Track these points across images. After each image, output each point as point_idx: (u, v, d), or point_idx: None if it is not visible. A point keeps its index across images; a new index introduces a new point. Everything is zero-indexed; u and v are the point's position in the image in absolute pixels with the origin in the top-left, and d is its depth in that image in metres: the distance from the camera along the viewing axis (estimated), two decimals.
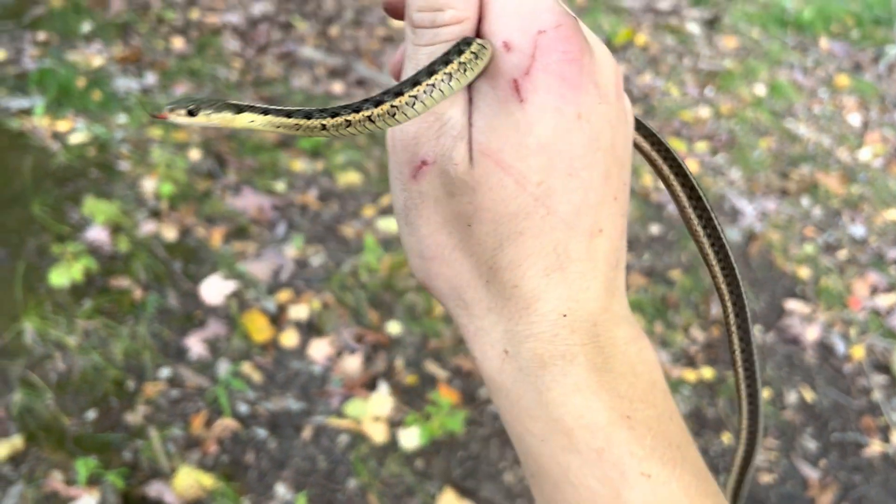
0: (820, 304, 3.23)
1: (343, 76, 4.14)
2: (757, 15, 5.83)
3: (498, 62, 0.45)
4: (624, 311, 0.50)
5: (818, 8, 6.07)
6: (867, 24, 6.00)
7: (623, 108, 0.50)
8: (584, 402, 0.46)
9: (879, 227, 3.77)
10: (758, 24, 5.71)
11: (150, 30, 4.15)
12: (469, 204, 0.46)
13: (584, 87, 0.45)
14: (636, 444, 0.45)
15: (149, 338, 2.53)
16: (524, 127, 0.45)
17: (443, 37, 0.46)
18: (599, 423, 0.46)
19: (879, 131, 4.60)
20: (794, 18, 5.89)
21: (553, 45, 0.45)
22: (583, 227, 0.47)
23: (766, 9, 5.99)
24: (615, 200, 0.48)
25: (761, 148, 4.20)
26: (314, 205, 3.21)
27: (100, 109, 3.44)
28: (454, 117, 0.47)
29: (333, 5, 4.80)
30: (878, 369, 3.00)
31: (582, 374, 0.46)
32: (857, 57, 5.54)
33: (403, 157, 0.49)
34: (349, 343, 2.64)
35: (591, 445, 0.46)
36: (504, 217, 0.46)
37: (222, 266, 2.81)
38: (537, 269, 0.47)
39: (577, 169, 0.46)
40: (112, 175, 3.10)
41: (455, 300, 0.49)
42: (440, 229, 0.48)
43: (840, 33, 5.87)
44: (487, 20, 0.46)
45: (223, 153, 3.34)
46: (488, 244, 0.47)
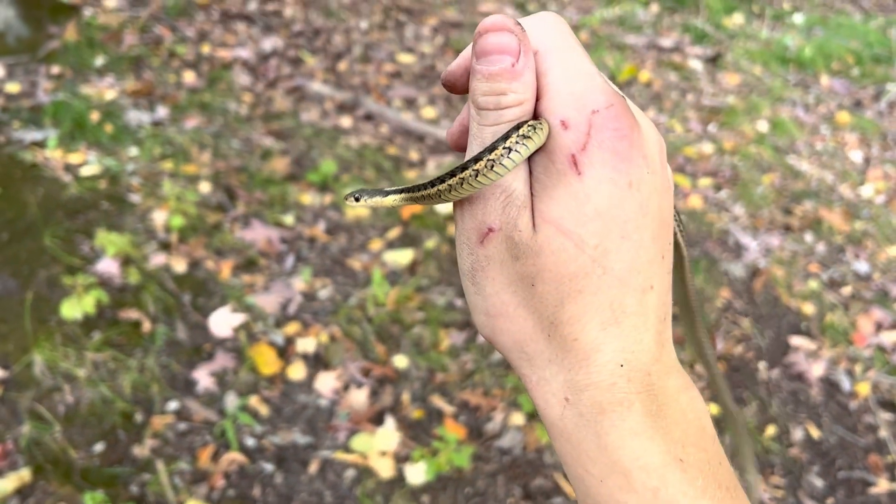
0: (825, 340, 3.24)
1: (351, 111, 4.20)
2: (758, 52, 5.91)
3: (556, 139, 0.51)
4: (673, 361, 0.55)
5: (819, 46, 6.15)
6: (867, 62, 6.08)
7: (667, 177, 0.55)
8: (641, 445, 0.50)
9: (883, 263, 3.79)
10: (759, 61, 5.79)
11: (161, 64, 4.22)
12: (532, 266, 0.51)
13: (634, 160, 0.51)
14: (688, 485, 0.49)
15: (157, 370, 2.54)
16: (582, 196, 0.50)
17: (506, 118, 0.51)
18: (654, 465, 0.50)
19: (881, 168, 4.64)
20: (795, 56, 5.97)
21: (606, 123, 0.50)
22: (636, 285, 0.51)
23: (767, 46, 6.07)
24: (662, 259, 0.53)
25: (764, 184, 4.24)
26: (322, 238, 3.24)
27: (112, 142, 3.49)
28: (518, 189, 0.52)
29: (342, 41, 4.87)
30: (884, 406, 3.00)
31: (638, 419, 0.50)
32: (857, 94, 5.61)
33: (471, 225, 0.54)
34: (356, 377, 2.65)
35: (646, 485, 0.49)
36: (565, 277, 0.50)
37: (231, 298, 2.83)
38: (595, 324, 0.51)
39: (629, 232, 0.51)
40: (123, 207, 3.13)
41: (518, 353, 0.53)
42: (505, 289, 0.53)
43: (841, 71, 5.95)
44: (544, 100, 0.51)
45: (233, 186, 3.38)
46: (550, 301, 0.51)
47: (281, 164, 3.59)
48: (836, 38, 6.40)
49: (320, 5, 5.27)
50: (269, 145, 3.73)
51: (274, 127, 3.89)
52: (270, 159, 3.62)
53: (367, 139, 3.96)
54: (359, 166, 3.72)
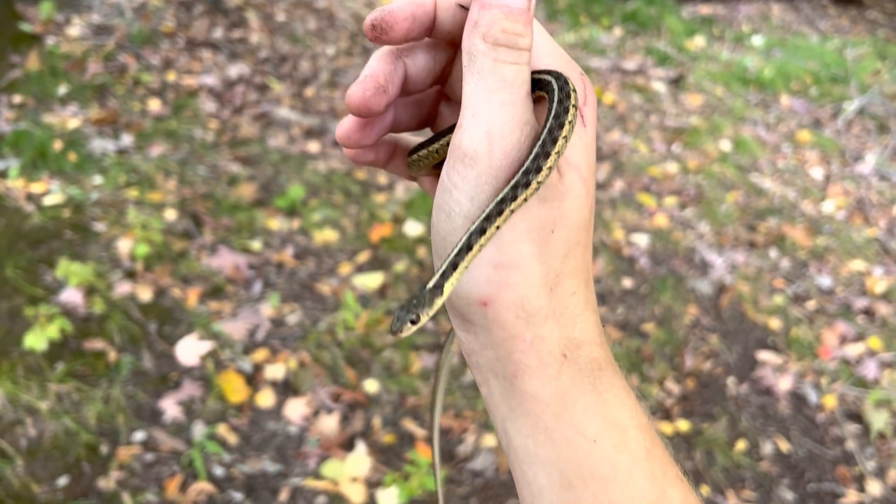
0: (791, 354, 3.28)
1: (319, 136, 4.20)
2: (719, 74, 6.04)
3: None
4: None
5: (778, 66, 6.30)
6: (825, 82, 6.23)
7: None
8: (635, 405, 0.51)
9: (845, 277, 3.86)
10: (721, 82, 5.91)
11: (126, 92, 4.20)
12: (557, 210, 0.51)
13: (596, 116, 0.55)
14: (673, 448, 0.50)
15: (123, 400, 2.50)
16: (590, 147, 0.53)
17: (524, 59, 0.50)
18: (647, 425, 0.50)
19: (841, 184, 4.75)
20: (755, 77, 6.11)
21: (588, 84, 0.54)
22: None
23: (728, 68, 6.21)
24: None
25: (728, 202, 4.31)
26: (290, 263, 3.23)
27: (75, 171, 3.45)
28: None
29: (309, 67, 4.89)
30: (850, 418, 3.04)
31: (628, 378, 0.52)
32: (816, 113, 5.74)
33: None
34: (326, 402, 2.63)
35: (641, 444, 0.49)
36: (578, 225, 0.52)
37: (198, 326, 2.80)
38: (585, 280, 0.53)
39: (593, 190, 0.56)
40: (87, 236, 3.09)
41: (517, 311, 0.51)
42: (524, 237, 0.51)
43: (799, 91, 6.09)
44: (537, 56, 0.53)
45: (199, 213, 3.36)
46: (560, 252, 0.52)
47: (248, 190, 3.57)
48: (794, 59, 6.57)
49: (286, 32, 5.28)
50: (235, 171, 3.72)
51: (240, 153, 3.88)
52: (237, 185, 3.60)
53: (335, 164, 3.96)
54: (327, 191, 3.72)
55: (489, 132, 0.49)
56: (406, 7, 0.52)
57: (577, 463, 0.49)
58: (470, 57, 0.50)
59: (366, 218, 3.57)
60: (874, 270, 3.94)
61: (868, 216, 4.43)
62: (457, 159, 0.50)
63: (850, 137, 5.46)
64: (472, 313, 0.52)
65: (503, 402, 0.52)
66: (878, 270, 3.95)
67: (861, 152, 5.20)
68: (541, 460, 0.50)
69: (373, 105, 0.54)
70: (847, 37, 7.66)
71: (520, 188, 0.49)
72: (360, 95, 0.53)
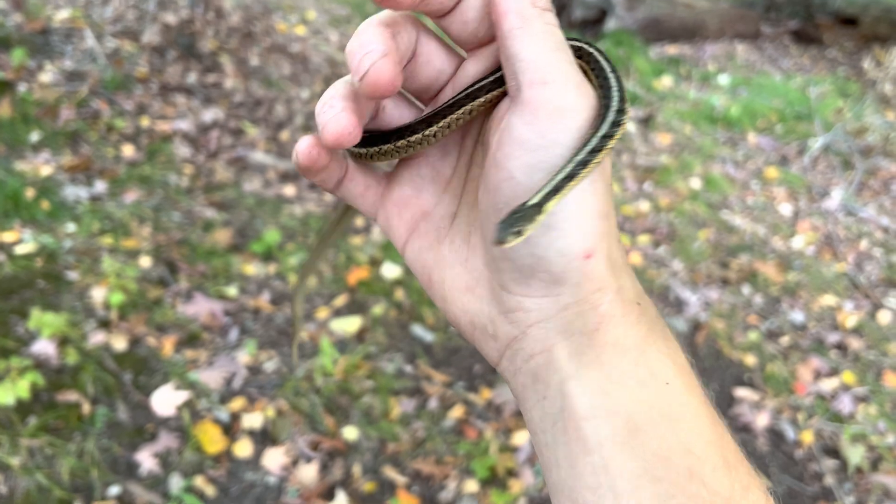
0: (768, 390, 3.31)
1: (295, 180, 4.21)
2: (688, 112, 6.17)
3: None
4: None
5: (744, 105, 6.46)
6: (790, 120, 6.40)
7: None
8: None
9: (817, 312, 3.92)
10: (689, 121, 6.04)
11: (99, 138, 4.18)
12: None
13: None
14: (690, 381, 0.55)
15: (97, 454, 2.44)
16: None
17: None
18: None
19: (809, 220, 4.85)
20: (722, 115, 6.25)
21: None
22: None
23: (696, 106, 6.35)
24: None
25: (701, 239, 4.37)
26: (267, 308, 3.21)
27: (48, 219, 3.42)
28: None
29: (284, 111, 4.92)
30: (827, 454, 3.07)
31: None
32: (783, 150, 5.88)
33: None
34: (305, 451, 2.60)
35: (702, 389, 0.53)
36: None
37: (174, 375, 2.76)
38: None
39: None
40: (60, 285, 3.05)
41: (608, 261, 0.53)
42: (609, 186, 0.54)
43: (766, 128, 6.24)
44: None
45: (174, 259, 3.33)
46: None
47: (223, 236, 3.56)
48: (759, 98, 6.74)
49: (261, 76, 5.32)
50: (210, 217, 3.70)
51: (216, 198, 3.87)
52: (213, 231, 3.59)
53: (312, 207, 3.96)
54: (303, 234, 3.71)
55: (578, 86, 0.50)
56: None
57: (649, 405, 0.49)
58: (523, 18, 0.49)
59: (343, 261, 3.57)
60: (845, 305, 4.01)
61: (837, 251, 4.52)
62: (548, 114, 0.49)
63: (817, 174, 5.59)
64: (572, 270, 0.51)
65: (570, 362, 0.51)
66: (848, 305, 4.02)
67: (827, 188, 5.32)
68: (607, 411, 0.49)
69: (398, 83, 0.50)
70: (809, 75, 7.88)
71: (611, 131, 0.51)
72: (392, 71, 0.49)
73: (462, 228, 0.59)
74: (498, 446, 2.74)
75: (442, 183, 0.61)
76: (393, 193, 0.62)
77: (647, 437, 0.47)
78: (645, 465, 0.46)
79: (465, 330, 0.58)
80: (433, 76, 0.57)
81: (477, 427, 2.82)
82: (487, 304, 0.55)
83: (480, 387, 3.02)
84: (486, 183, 0.53)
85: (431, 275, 0.59)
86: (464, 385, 3.02)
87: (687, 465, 0.46)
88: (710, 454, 0.48)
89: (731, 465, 0.48)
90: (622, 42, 7.21)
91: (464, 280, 0.57)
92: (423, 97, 0.60)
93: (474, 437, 2.77)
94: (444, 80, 0.57)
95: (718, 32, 8.81)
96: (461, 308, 0.57)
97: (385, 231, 0.63)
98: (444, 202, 0.61)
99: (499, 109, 0.54)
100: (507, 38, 0.49)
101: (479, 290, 0.56)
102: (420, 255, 0.60)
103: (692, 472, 0.46)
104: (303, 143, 0.56)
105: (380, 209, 0.63)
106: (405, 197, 0.61)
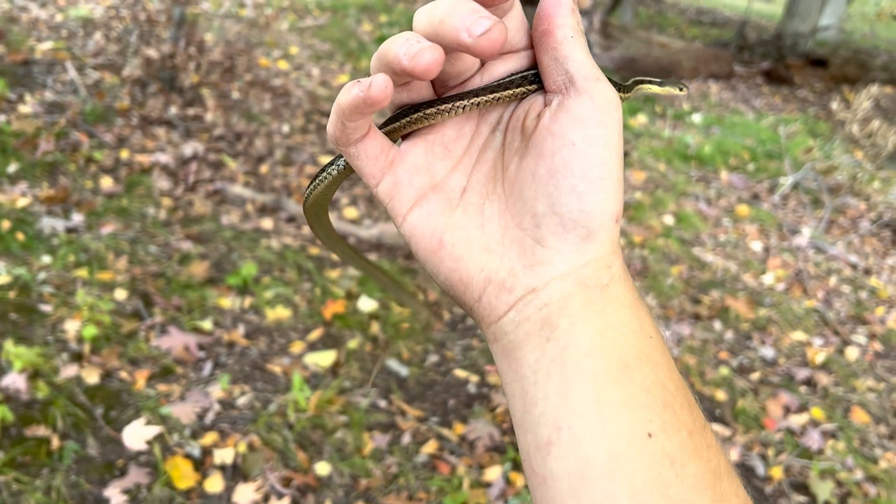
0: (738, 426, 3.35)
1: (273, 213, 4.24)
2: (662, 150, 6.29)
3: None
4: None
5: (717, 143, 6.59)
6: (761, 158, 6.53)
7: None
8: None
9: (787, 348, 3.98)
10: (663, 158, 6.15)
11: (78, 169, 4.19)
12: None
13: None
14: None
15: (65, 490, 2.42)
16: None
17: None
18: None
19: (780, 257, 4.94)
20: (695, 153, 6.38)
21: None
22: None
23: (669, 144, 6.47)
24: None
25: (673, 275, 4.44)
26: (241, 342, 3.21)
27: (23, 251, 3.41)
28: None
29: (264, 144, 4.96)
30: (797, 489, 3.10)
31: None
32: (754, 188, 6.00)
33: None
34: (276, 487, 2.59)
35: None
36: None
37: (145, 410, 2.75)
38: None
39: None
40: (33, 318, 3.04)
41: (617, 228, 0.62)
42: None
43: (738, 166, 6.37)
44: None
45: (150, 292, 3.33)
46: None
47: (200, 269, 3.57)
48: (732, 136, 6.88)
49: (242, 110, 5.36)
50: (187, 249, 3.71)
51: (193, 231, 3.88)
52: (189, 264, 3.60)
53: (289, 240, 3.99)
54: (280, 268, 3.73)
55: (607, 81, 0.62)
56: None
57: (638, 349, 0.57)
58: (575, 31, 0.61)
59: (319, 294, 3.59)
60: (814, 341, 4.08)
61: (806, 288, 4.61)
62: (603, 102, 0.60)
63: (787, 211, 5.70)
64: (604, 228, 0.60)
65: (581, 309, 0.58)
66: (817, 341, 4.09)
67: (797, 226, 5.43)
68: (606, 350, 0.56)
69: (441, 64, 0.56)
70: (780, 114, 8.06)
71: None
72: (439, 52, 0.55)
73: (474, 200, 0.65)
74: (470, 482, 2.74)
75: (452, 161, 0.67)
76: (406, 160, 0.66)
77: (634, 373, 0.55)
78: (631, 393, 0.54)
79: (475, 285, 0.63)
80: (467, 67, 0.64)
81: (450, 462, 2.83)
82: (510, 259, 0.62)
83: (454, 422, 3.03)
84: (538, 151, 0.61)
85: (444, 237, 0.64)
86: (437, 420, 3.03)
87: (663, 398, 0.55)
88: (679, 394, 0.57)
89: (693, 407, 0.57)
90: None
91: (481, 241, 0.63)
92: (448, 84, 0.66)
93: (447, 473, 2.78)
94: (470, 74, 0.65)
95: (693, 72, 9.02)
96: (478, 264, 0.63)
97: (388, 196, 0.66)
98: (454, 177, 0.66)
99: (532, 100, 0.63)
100: (561, 43, 0.60)
101: (498, 249, 0.62)
102: (430, 219, 0.64)
103: (666, 403, 0.55)
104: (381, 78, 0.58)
105: (387, 174, 0.66)
106: (418, 165, 0.66)
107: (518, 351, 0.60)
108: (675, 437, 0.53)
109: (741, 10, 18.72)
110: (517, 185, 0.63)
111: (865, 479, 3.16)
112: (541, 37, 0.61)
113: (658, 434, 0.53)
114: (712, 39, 12.76)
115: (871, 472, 3.19)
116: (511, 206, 0.63)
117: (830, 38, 13.29)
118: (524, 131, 0.63)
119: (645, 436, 0.52)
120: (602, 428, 0.53)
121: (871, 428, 3.50)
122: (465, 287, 0.63)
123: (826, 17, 12.23)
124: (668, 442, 0.53)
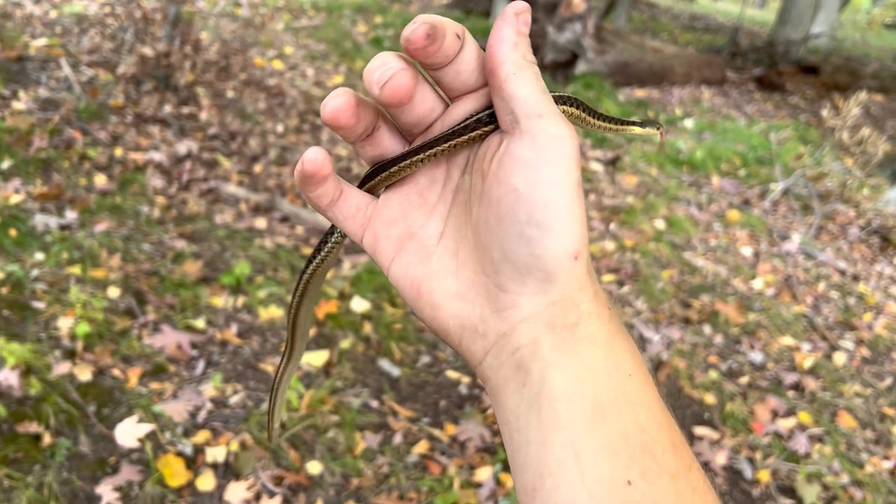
0: (726, 430, 3.38)
1: (267, 212, 4.25)
2: (654, 155, 6.33)
3: None
4: None
5: (708, 149, 6.64)
6: (752, 164, 6.58)
7: None
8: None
9: (776, 353, 4.02)
10: (655, 163, 6.19)
11: (71, 167, 4.19)
12: None
13: None
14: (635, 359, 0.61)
15: (57, 487, 2.43)
16: None
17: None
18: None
19: (770, 262, 4.98)
20: (687, 158, 6.42)
21: None
22: None
23: (661, 149, 6.51)
24: None
25: (664, 279, 4.47)
26: (234, 341, 3.22)
27: (16, 247, 3.41)
28: None
29: (258, 144, 4.96)
30: (783, 493, 3.14)
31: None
32: (745, 193, 6.05)
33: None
34: (268, 486, 2.60)
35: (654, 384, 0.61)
36: None
37: (138, 407, 2.76)
38: None
39: None
40: (26, 315, 3.04)
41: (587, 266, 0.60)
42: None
43: (729, 172, 6.42)
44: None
45: (143, 290, 3.34)
46: None
47: (193, 267, 3.58)
48: (723, 142, 6.93)
49: (236, 109, 5.37)
50: (181, 248, 3.72)
51: (187, 230, 3.89)
52: (182, 262, 3.60)
53: (282, 240, 4.00)
54: (273, 267, 3.74)
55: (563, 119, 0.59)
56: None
57: (615, 391, 0.56)
58: (518, 66, 0.58)
59: None
60: (802, 346, 4.12)
61: (796, 293, 4.65)
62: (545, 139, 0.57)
63: (777, 217, 5.75)
64: (563, 269, 0.58)
65: (552, 352, 0.57)
66: (805, 346, 4.13)
67: (787, 231, 5.47)
68: (580, 395, 0.55)
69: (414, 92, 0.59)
70: (772, 121, 8.12)
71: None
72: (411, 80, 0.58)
73: (449, 246, 0.65)
74: (461, 482, 2.76)
75: (428, 208, 0.67)
76: (382, 214, 0.67)
77: (611, 417, 0.54)
78: (607, 440, 0.53)
79: (453, 333, 0.64)
80: (426, 112, 0.63)
81: (441, 463, 2.85)
82: (480, 305, 0.61)
83: (445, 423, 3.05)
84: (487, 199, 0.60)
85: (421, 286, 0.65)
86: (429, 421, 3.05)
87: (642, 442, 0.54)
88: (661, 436, 0.55)
89: (678, 447, 0.56)
90: (592, 85, 7.38)
91: (454, 288, 0.63)
92: (412, 132, 0.66)
93: (438, 473, 2.80)
94: (434, 118, 0.64)
95: (685, 77, 9.07)
96: (452, 312, 0.63)
97: (371, 249, 0.68)
98: (430, 224, 0.66)
99: (490, 141, 0.62)
100: (505, 81, 0.58)
101: (469, 294, 0.62)
102: (409, 269, 0.65)
103: (646, 448, 0.54)
104: (312, 151, 0.61)
105: (367, 229, 0.68)
106: (394, 218, 0.67)
107: (500, 395, 0.60)
108: (655, 483, 0.52)
109: (734, 16, 18.85)
110: (478, 230, 0.62)
111: (851, 483, 3.20)
112: (488, 76, 0.60)
113: (637, 481, 0.52)
114: (705, 45, 12.84)
115: (857, 477, 3.23)
116: (475, 252, 0.63)
117: (822, 45, 13.39)
118: (483, 175, 0.62)
119: (624, 483, 0.52)
120: (580, 476, 0.52)
121: (858, 432, 3.54)
122: (445, 333, 0.64)
123: (818, 24, 12.32)
124: (649, 489, 0.52)
